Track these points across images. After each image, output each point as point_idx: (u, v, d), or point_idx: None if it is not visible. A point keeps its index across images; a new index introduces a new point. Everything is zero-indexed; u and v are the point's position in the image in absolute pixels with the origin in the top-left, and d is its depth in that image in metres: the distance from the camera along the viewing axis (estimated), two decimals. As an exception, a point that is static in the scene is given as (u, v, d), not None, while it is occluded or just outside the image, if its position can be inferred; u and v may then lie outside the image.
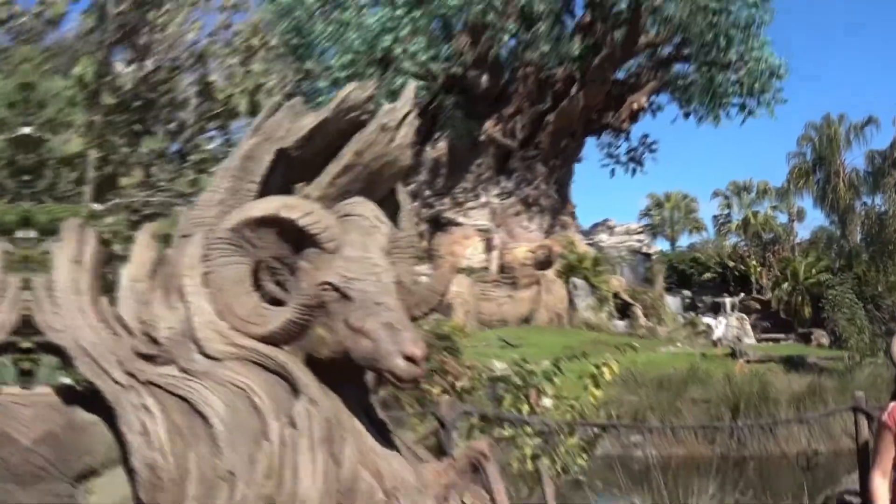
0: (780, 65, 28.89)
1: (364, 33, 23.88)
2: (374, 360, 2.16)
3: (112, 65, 4.36)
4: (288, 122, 2.45)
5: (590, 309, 25.44)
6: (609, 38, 29.80)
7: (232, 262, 2.13)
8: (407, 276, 2.76)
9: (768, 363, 17.81)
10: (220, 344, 2.02)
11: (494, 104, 31.84)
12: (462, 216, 31.13)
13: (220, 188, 2.31)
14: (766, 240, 39.40)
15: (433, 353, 10.59)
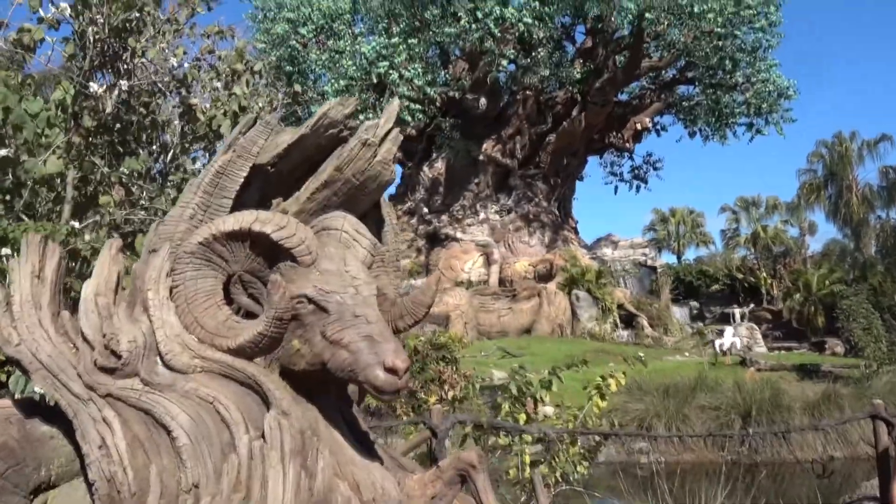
0: (788, 85, 28.83)
1: (359, 60, 24.05)
2: (353, 371, 2.12)
3: (91, 88, 4.36)
4: (262, 138, 2.43)
5: (593, 320, 25.44)
6: (611, 63, 29.93)
7: (201, 276, 2.10)
8: (391, 289, 2.73)
9: (781, 371, 17.63)
10: (187, 357, 1.98)
11: (493, 125, 32.06)
12: (460, 232, 31.27)
13: (191, 203, 2.29)
14: (777, 252, 39.57)
15: (430, 362, 10.56)
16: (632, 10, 24.57)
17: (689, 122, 32.93)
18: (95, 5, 4.71)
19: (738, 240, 43.10)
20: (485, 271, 30.19)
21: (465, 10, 25.44)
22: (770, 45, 28.59)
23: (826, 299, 29.81)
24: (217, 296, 2.12)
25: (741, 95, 29.80)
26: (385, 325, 2.22)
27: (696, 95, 31.95)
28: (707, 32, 25.93)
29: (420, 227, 32.98)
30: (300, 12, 26.72)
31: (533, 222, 32.25)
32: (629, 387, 13.15)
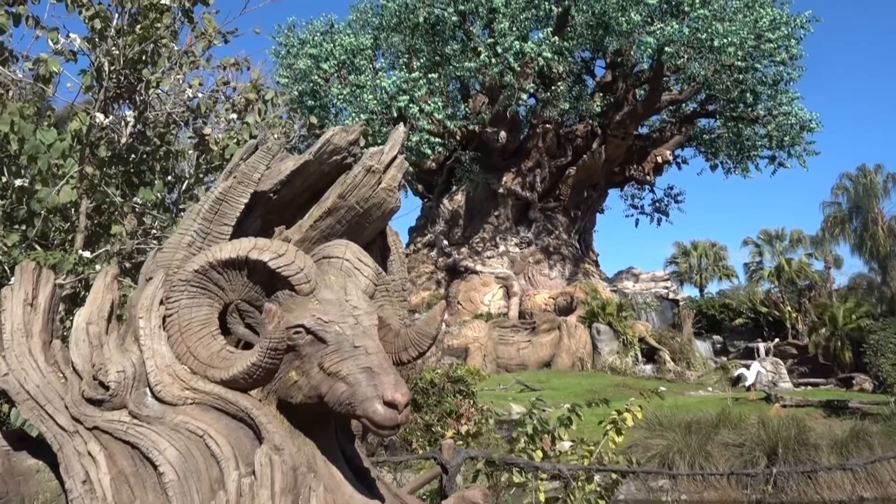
0: (811, 118, 28.62)
1: (380, 94, 24.28)
2: (351, 405, 2.04)
3: (98, 119, 4.38)
4: (264, 165, 2.39)
5: (614, 353, 25.09)
6: (631, 96, 29.98)
7: (196, 305, 2.04)
8: (396, 320, 2.66)
9: (807, 407, 17.19)
10: (177, 388, 1.92)
11: (513, 158, 32.12)
12: (480, 264, 31.17)
13: (190, 230, 2.25)
14: (802, 286, 39.03)
15: (447, 395, 10.42)
16: (651, 45, 24.61)
17: (711, 154, 32.78)
18: (112, 38, 4.75)
19: (761, 273, 42.53)
20: (504, 304, 30.02)
21: (484, 45, 25.67)
22: (792, 77, 28.47)
23: (853, 334, 29.20)
24: (212, 325, 2.06)
25: (763, 128, 29.62)
26: (385, 357, 2.14)
27: (718, 128, 31.82)
28: (727, 66, 25.87)
29: (440, 260, 32.95)
30: (322, 48, 27.13)
31: (553, 255, 32.10)
32: (650, 422, 12.88)
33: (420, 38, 28.56)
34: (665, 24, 24.29)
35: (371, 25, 30.63)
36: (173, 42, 5.24)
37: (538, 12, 26.93)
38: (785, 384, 23.90)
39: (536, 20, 27.88)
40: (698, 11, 24.42)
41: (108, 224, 4.92)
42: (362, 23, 31.48)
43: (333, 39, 27.60)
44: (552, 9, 26.69)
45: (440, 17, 27.07)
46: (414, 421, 10.95)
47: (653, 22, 24.96)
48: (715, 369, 26.04)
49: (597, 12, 26.10)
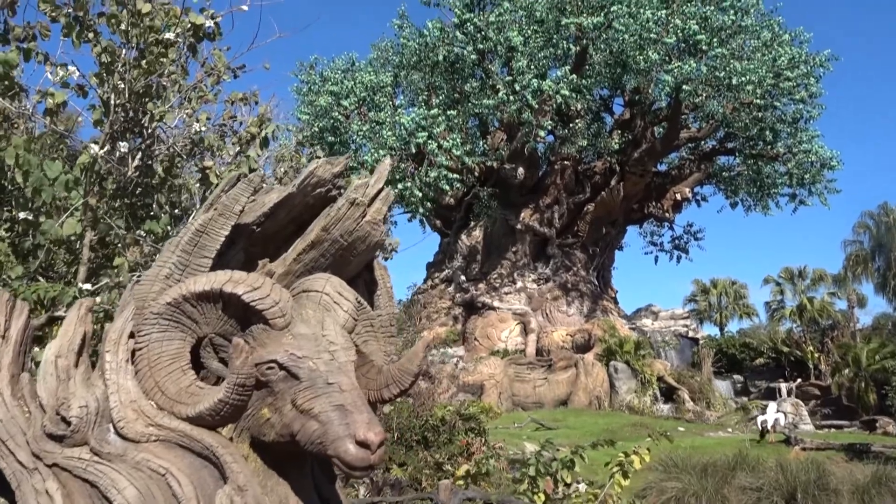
0: (831, 156, 28.48)
1: (399, 131, 24.52)
2: (322, 444, 1.99)
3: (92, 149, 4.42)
4: (246, 196, 2.37)
5: (632, 392, 24.73)
6: (649, 133, 30.04)
7: (168, 338, 2.01)
8: (380, 356, 2.61)
9: (828, 450, 16.76)
10: (141, 425, 1.87)
11: (531, 194, 32.18)
12: (497, 300, 31.04)
13: (168, 263, 2.22)
14: (825, 326, 38.41)
15: (457, 433, 10.26)
16: (669, 83, 24.69)
17: (731, 192, 32.63)
18: (118, 72, 4.82)
19: (782, 312, 41.92)
20: (522, 340, 29.82)
21: (503, 82, 25.92)
22: (811, 115, 28.37)
23: (877, 375, 28.59)
24: (182, 359, 2.02)
25: (783, 166, 29.47)
26: (360, 395, 2.09)
27: (737, 166, 31.71)
28: (746, 104, 25.86)
29: (457, 296, 32.89)
30: (343, 86, 27.53)
31: (571, 291, 31.92)
32: (665, 464, 12.61)
33: (439, 76, 28.92)
34: (683, 63, 24.39)
35: (391, 63, 31.10)
36: (182, 78, 5.32)
37: (556, 51, 27.19)
38: (806, 426, 23.37)
39: (554, 58, 28.14)
40: (716, 50, 24.51)
41: (112, 256, 4.95)
42: (383, 61, 31.97)
43: (354, 77, 28.03)
44: (570, 47, 26.92)
45: (459, 55, 27.43)
46: (424, 459, 10.80)
47: (670, 60, 25.07)
48: (735, 410, 25.57)
49: (614, 51, 26.27)
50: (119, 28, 4.97)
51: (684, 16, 24.89)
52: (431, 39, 27.82)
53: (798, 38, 27.63)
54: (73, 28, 4.85)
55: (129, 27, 4.95)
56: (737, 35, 25.81)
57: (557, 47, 26.94)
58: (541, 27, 26.63)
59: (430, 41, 27.91)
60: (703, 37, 24.40)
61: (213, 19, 5.40)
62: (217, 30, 5.49)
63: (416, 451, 10.78)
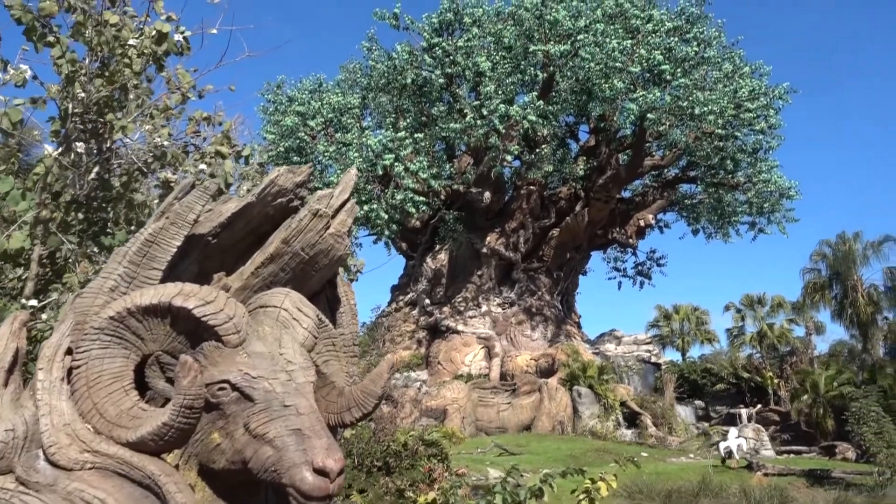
0: (790, 186, 29.11)
1: (365, 152, 24.39)
2: (277, 472, 1.83)
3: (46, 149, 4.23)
4: (200, 205, 2.22)
5: (595, 417, 24.70)
6: (614, 160, 30.41)
7: (109, 356, 1.84)
8: (342, 377, 2.46)
9: (789, 476, 16.86)
10: (75, 451, 1.70)
11: (497, 219, 32.24)
12: (462, 324, 30.89)
13: (114, 274, 2.05)
14: (784, 352, 38.99)
15: (420, 459, 10.05)
16: (634, 111, 25.02)
17: (692, 219, 33.10)
18: (80, 82, 4.63)
19: (743, 338, 42.47)
20: (486, 364, 29.64)
21: (470, 107, 26.00)
22: (771, 146, 28.98)
23: (835, 401, 29.03)
24: (125, 379, 1.85)
25: (743, 195, 30.00)
26: (318, 418, 1.94)
27: (699, 194, 32.20)
28: (708, 133, 26.31)
29: (421, 319, 32.67)
30: (310, 106, 27.36)
31: (535, 316, 31.92)
32: (630, 491, 12.53)
33: (407, 99, 28.94)
34: (647, 92, 24.75)
35: (359, 85, 31.06)
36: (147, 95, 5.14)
37: (524, 77, 27.43)
38: (767, 452, 23.53)
39: (522, 84, 28.39)
40: (679, 80, 24.94)
41: (62, 272, 4.72)
42: (351, 83, 31.91)
43: (321, 98, 27.87)
44: (537, 74, 27.18)
45: (427, 78, 27.49)
46: (385, 486, 10.55)
47: (635, 89, 25.43)
48: (697, 435, 25.68)
49: (581, 79, 26.58)
50: (83, 36, 4.79)
51: (649, 46, 25.32)
52: (400, 62, 27.87)
53: (758, 71, 28.32)
54: (35, 31, 4.66)
55: (94, 35, 4.77)
56: (699, 66, 26.32)
57: (525, 73, 27.18)
58: (509, 53, 26.86)
59: (398, 64, 27.95)
60: (668, 67, 24.83)
61: (181, 34, 5.25)
62: (186, 44, 5.34)
63: (377, 477, 10.53)
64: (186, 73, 5.49)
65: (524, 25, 26.04)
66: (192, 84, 5.49)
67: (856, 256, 38.83)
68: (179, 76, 5.47)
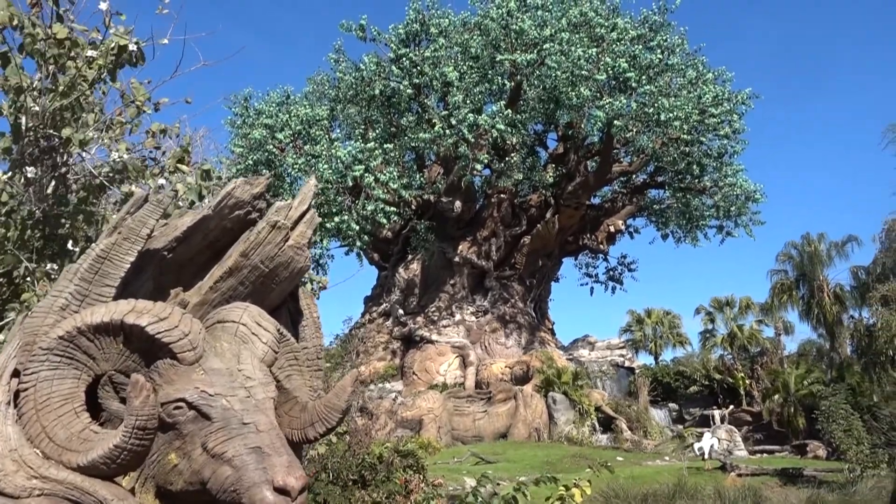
0: (755, 189, 29.60)
1: (335, 164, 24.29)
2: (237, 492, 1.78)
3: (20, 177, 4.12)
4: (154, 219, 2.16)
5: (570, 423, 24.78)
6: (582, 167, 30.68)
7: (59, 377, 1.78)
8: (305, 392, 2.41)
9: (762, 476, 17.04)
10: (21, 478, 1.63)
11: (468, 227, 32.30)
12: (436, 334, 30.84)
13: (65, 292, 1.99)
14: (754, 353, 39.48)
15: (395, 470, 9.98)
16: (601, 118, 25.27)
17: (661, 224, 33.47)
18: (31, 95, 4.53)
19: (714, 340, 42.90)
20: (461, 373, 29.60)
21: (439, 116, 26.06)
22: (735, 150, 29.45)
23: (805, 400, 29.46)
24: (76, 401, 1.79)
25: (710, 199, 30.43)
26: (279, 435, 1.89)
27: (667, 199, 32.59)
28: (674, 139, 26.66)
29: (395, 329, 32.55)
30: (278, 118, 27.19)
31: (509, 324, 31.98)
32: (606, 495, 12.55)
33: (376, 110, 28.94)
34: (614, 99, 25.02)
35: (327, 97, 30.98)
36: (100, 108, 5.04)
37: (491, 86, 27.60)
38: (740, 452, 23.79)
39: (490, 93, 28.55)
40: (645, 87, 25.25)
41: (20, 292, 4.59)
42: (318, 94, 31.82)
43: (289, 110, 27.72)
44: (505, 83, 27.34)
45: (395, 89, 27.52)
46: (361, 499, 10.44)
47: (602, 97, 25.70)
48: (672, 438, 25.86)
49: (548, 87, 26.80)
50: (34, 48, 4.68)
51: (614, 54, 25.62)
52: (367, 74, 27.85)
53: (721, 77, 28.80)
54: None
55: (47, 48, 4.66)
56: (664, 73, 26.68)
57: (492, 83, 27.33)
58: (476, 63, 27.00)
59: (366, 75, 27.93)
60: (633, 74, 25.13)
61: (135, 44, 5.16)
62: (140, 54, 5.25)
63: (353, 490, 10.41)
64: (140, 85, 5.40)
65: (490, 35, 26.20)
66: (146, 97, 5.39)
67: (821, 257, 39.49)
68: (133, 90, 5.37)
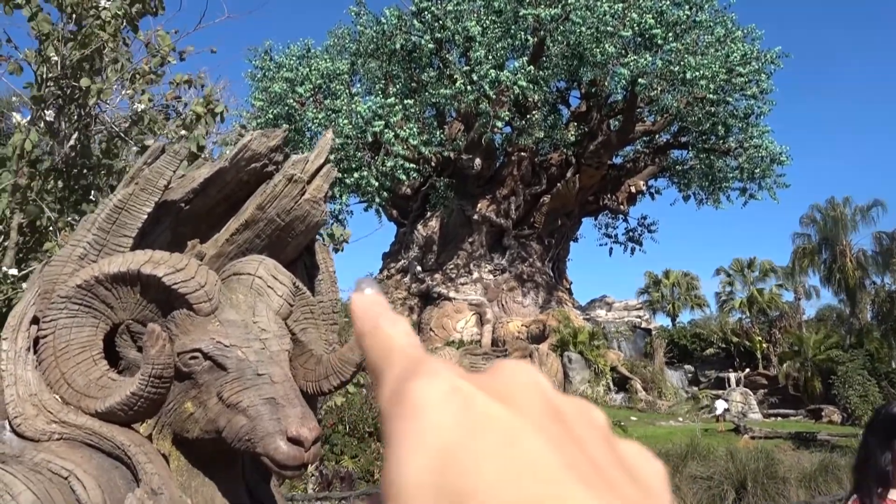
0: (781, 151, 29.03)
1: (355, 119, 24.16)
2: (251, 441, 1.81)
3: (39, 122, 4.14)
4: (171, 170, 2.16)
5: (585, 382, 24.95)
6: (605, 126, 30.25)
7: (77, 325, 1.80)
8: (320, 345, 2.43)
9: (775, 439, 17.11)
10: (42, 421, 1.66)
11: (488, 185, 32.14)
12: (454, 291, 30.98)
13: (83, 242, 2.00)
14: (773, 317, 39.32)
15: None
16: (625, 76, 24.84)
17: (683, 185, 33.09)
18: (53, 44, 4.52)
19: (732, 303, 42.74)
20: (478, 331, 29.82)
21: (460, 72, 25.74)
22: (762, 111, 28.87)
23: (822, 365, 29.38)
24: (94, 348, 1.81)
25: (734, 160, 29.97)
26: (293, 387, 1.91)
27: (690, 160, 32.16)
28: (699, 98, 26.18)
29: (413, 286, 32.73)
30: (298, 72, 27.03)
31: (527, 282, 32.02)
32: (619, 454, 12.65)
33: (397, 65, 28.62)
34: (639, 57, 24.55)
35: (348, 51, 30.66)
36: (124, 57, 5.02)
37: (514, 42, 27.13)
38: (755, 415, 23.85)
39: (512, 49, 28.08)
40: (671, 45, 24.73)
41: (43, 241, 4.65)
42: (339, 48, 31.51)
43: (310, 64, 27.52)
44: (528, 39, 26.88)
45: (417, 44, 27.16)
46: (377, 451, 10.64)
47: (626, 54, 25.22)
48: (686, 399, 25.98)
49: (571, 43, 26.31)
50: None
51: (640, 10, 25.05)
52: (389, 27, 27.49)
53: (750, 35, 28.08)
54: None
55: (65, -3, 4.64)
56: (691, 30, 26.09)
57: (515, 38, 26.87)
58: (499, 18, 26.53)
59: (387, 29, 27.57)
60: (659, 31, 24.59)
61: (154, -9, 5.11)
62: (160, 4, 5.21)
63: (369, 442, 10.62)
64: (166, 34, 5.37)
65: (514, -11, 25.72)
66: (171, 46, 5.37)
67: (845, 221, 39.00)
68: (159, 38, 5.34)
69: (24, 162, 4.26)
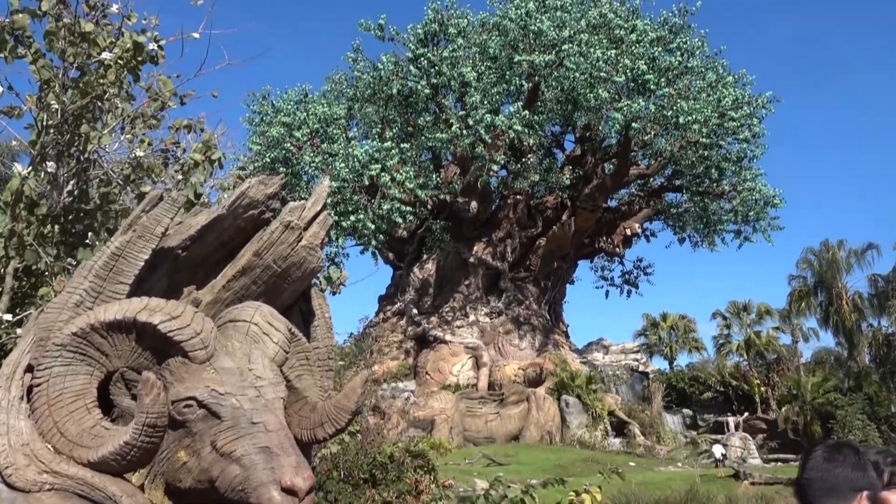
0: (774, 194, 29.30)
1: (352, 163, 24.36)
2: (244, 491, 1.79)
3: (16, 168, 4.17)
4: (168, 217, 2.18)
5: (583, 427, 24.70)
6: (599, 169, 30.55)
7: (72, 373, 1.80)
8: (315, 392, 2.42)
9: (776, 485, 16.86)
10: (33, 472, 1.65)
11: (484, 228, 32.27)
12: (450, 334, 30.84)
13: (79, 289, 2.01)
14: (770, 360, 39.18)
15: (406, 471, 9.99)
16: (619, 120, 25.17)
17: (678, 228, 33.26)
18: (54, 91, 4.58)
19: (730, 346, 42.60)
20: (474, 374, 29.62)
21: (456, 117, 26.06)
22: (755, 154, 29.20)
23: (822, 408, 29.18)
24: (87, 397, 1.80)
25: (728, 203, 30.19)
26: (287, 435, 1.90)
27: (684, 202, 32.39)
28: (693, 142, 26.49)
29: (409, 329, 32.60)
30: (296, 116, 27.33)
31: (523, 325, 31.93)
32: (617, 501, 12.49)
33: (393, 109, 28.97)
34: (632, 102, 24.90)
35: (345, 96, 31.06)
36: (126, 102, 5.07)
37: (509, 87, 27.53)
38: (754, 460, 23.57)
39: (507, 94, 28.51)
40: (664, 90, 25.12)
41: (39, 286, 4.64)
42: (336, 93, 31.92)
43: (307, 108, 27.85)
44: (523, 84, 27.29)
45: (413, 89, 27.54)
46: (371, 498, 10.46)
47: (620, 99, 25.59)
48: (685, 444, 25.71)
49: (566, 88, 26.71)
50: (55, 45, 4.73)
51: (633, 56, 25.49)
52: (385, 73, 27.89)
53: (741, 80, 28.56)
54: (5, 43, 4.60)
55: (67, 46, 4.71)
56: (683, 76, 26.52)
57: (510, 83, 27.28)
58: (494, 63, 26.97)
59: (383, 75, 27.97)
60: (652, 76, 24.99)
61: (156, 42, 5.19)
62: (160, 53, 5.29)
63: (363, 489, 10.43)
64: (168, 79, 5.43)
65: (509, 36, 26.17)
66: (172, 91, 5.43)
67: (840, 264, 39.17)
68: (160, 83, 5.41)
69: (21, 206, 4.28)
